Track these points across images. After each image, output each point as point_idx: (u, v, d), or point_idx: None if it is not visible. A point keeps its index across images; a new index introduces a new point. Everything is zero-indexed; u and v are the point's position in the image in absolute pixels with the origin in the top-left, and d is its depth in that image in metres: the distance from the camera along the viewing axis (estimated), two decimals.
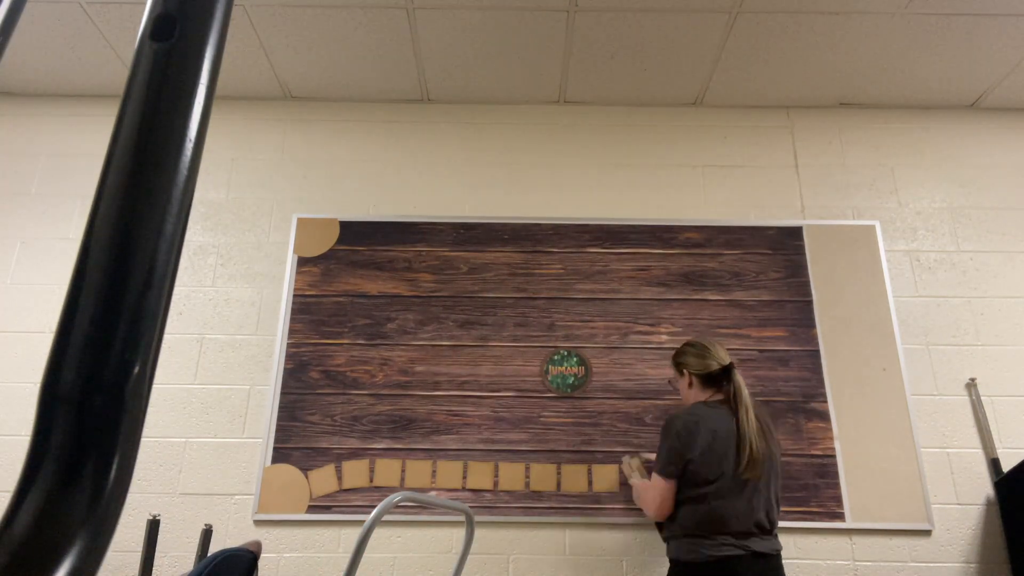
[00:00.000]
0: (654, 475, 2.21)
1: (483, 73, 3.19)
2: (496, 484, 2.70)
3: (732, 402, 2.19)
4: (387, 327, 2.91)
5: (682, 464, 2.13)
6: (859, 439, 2.74)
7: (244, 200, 3.17)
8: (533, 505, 2.67)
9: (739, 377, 2.23)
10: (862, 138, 3.30)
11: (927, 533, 2.63)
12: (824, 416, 2.78)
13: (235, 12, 2.90)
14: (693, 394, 2.31)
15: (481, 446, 2.75)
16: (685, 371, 2.33)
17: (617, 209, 3.15)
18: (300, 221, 3.10)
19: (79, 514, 0.28)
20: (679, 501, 2.15)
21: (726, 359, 2.28)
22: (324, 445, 2.74)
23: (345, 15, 2.87)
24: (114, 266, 0.30)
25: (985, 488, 2.71)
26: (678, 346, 2.44)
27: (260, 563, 2.29)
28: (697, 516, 2.09)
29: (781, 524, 2.64)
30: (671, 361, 2.43)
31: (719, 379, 2.26)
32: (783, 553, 2.15)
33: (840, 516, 2.64)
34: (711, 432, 2.14)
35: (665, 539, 2.23)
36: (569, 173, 3.23)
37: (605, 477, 2.70)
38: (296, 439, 2.75)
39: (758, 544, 2.03)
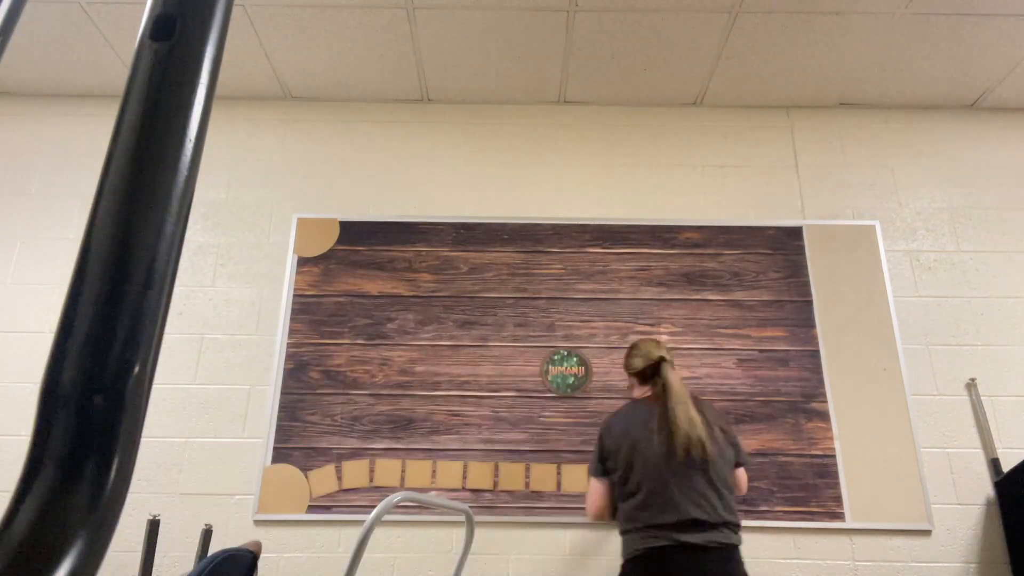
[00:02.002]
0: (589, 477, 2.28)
1: (483, 73, 3.19)
2: (496, 484, 2.70)
3: (662, 396, 2.17)
4: (387, 327, 2.91)
5: (603, 462, 2.19)
6: (859, 439, 2.74)
7: (244, 200, 3.17)
8: (533, 505, 2.67)
9: (669, 371, 2.21)
10: (862, 138, 3.30)
11: (927, 533, 2.63)
12: (824, 416, 2.78)
13: (235, 12, 2.90)
14: (635, 393, 2.33)
15: (481, 446, 2.75)
16: (626, 372, 2.36)
17: (617, 209, 3.15)
18: (300, 221, 3.10)
19: (79, 514, 0.28)
20: (618, 500, 2.18)
21: (655, 355, 2.26)
22: (324, 445, 2.74)
23: (345, 15, 2.87)
24: (114, 266, 0.30)
25: (985, 488, 2.71)
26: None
27: (260, 563, 2.29)
28: (625, 512, 2.11)
29: (781, 523, 2.64)
30: None
31: (651, 376, 2.26)
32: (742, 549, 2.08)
33: (840, 516, 2.64)
34: (624, 428, 2.16)
35: None
36: (569, 173, 3.23)
37: None
38: (296, 439, 2.75)
39: (691, 536, 1.98)
